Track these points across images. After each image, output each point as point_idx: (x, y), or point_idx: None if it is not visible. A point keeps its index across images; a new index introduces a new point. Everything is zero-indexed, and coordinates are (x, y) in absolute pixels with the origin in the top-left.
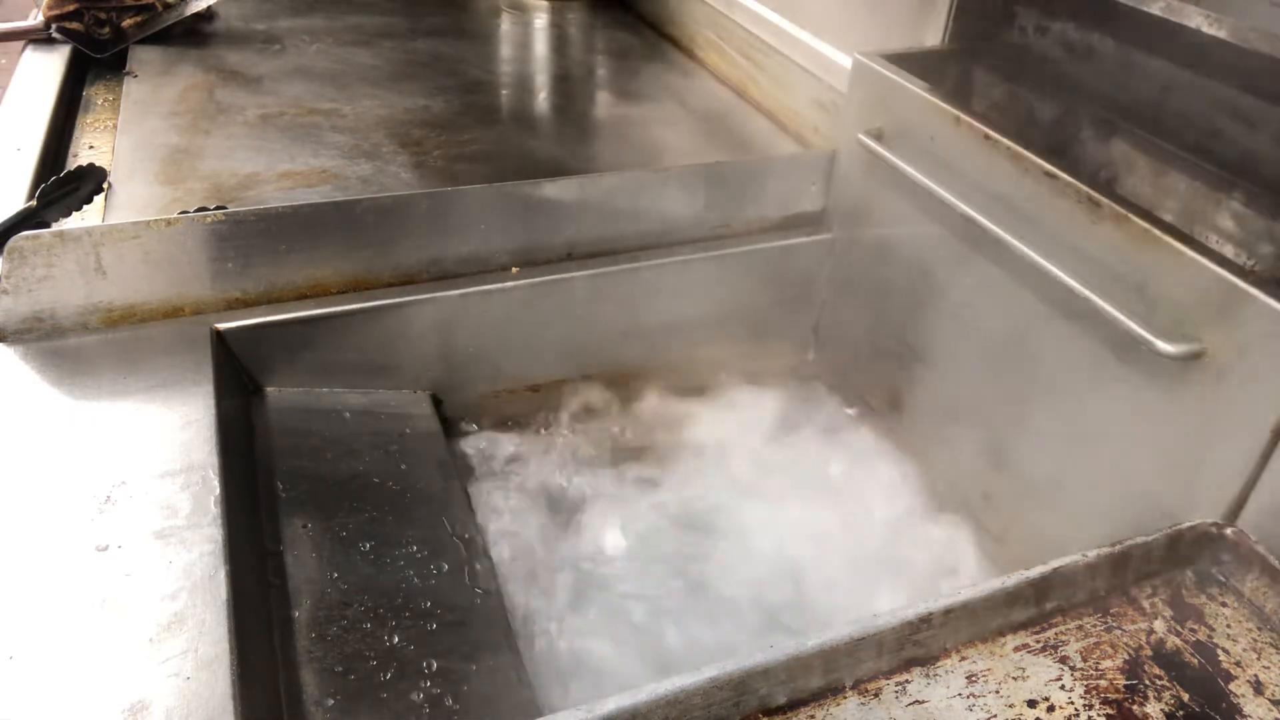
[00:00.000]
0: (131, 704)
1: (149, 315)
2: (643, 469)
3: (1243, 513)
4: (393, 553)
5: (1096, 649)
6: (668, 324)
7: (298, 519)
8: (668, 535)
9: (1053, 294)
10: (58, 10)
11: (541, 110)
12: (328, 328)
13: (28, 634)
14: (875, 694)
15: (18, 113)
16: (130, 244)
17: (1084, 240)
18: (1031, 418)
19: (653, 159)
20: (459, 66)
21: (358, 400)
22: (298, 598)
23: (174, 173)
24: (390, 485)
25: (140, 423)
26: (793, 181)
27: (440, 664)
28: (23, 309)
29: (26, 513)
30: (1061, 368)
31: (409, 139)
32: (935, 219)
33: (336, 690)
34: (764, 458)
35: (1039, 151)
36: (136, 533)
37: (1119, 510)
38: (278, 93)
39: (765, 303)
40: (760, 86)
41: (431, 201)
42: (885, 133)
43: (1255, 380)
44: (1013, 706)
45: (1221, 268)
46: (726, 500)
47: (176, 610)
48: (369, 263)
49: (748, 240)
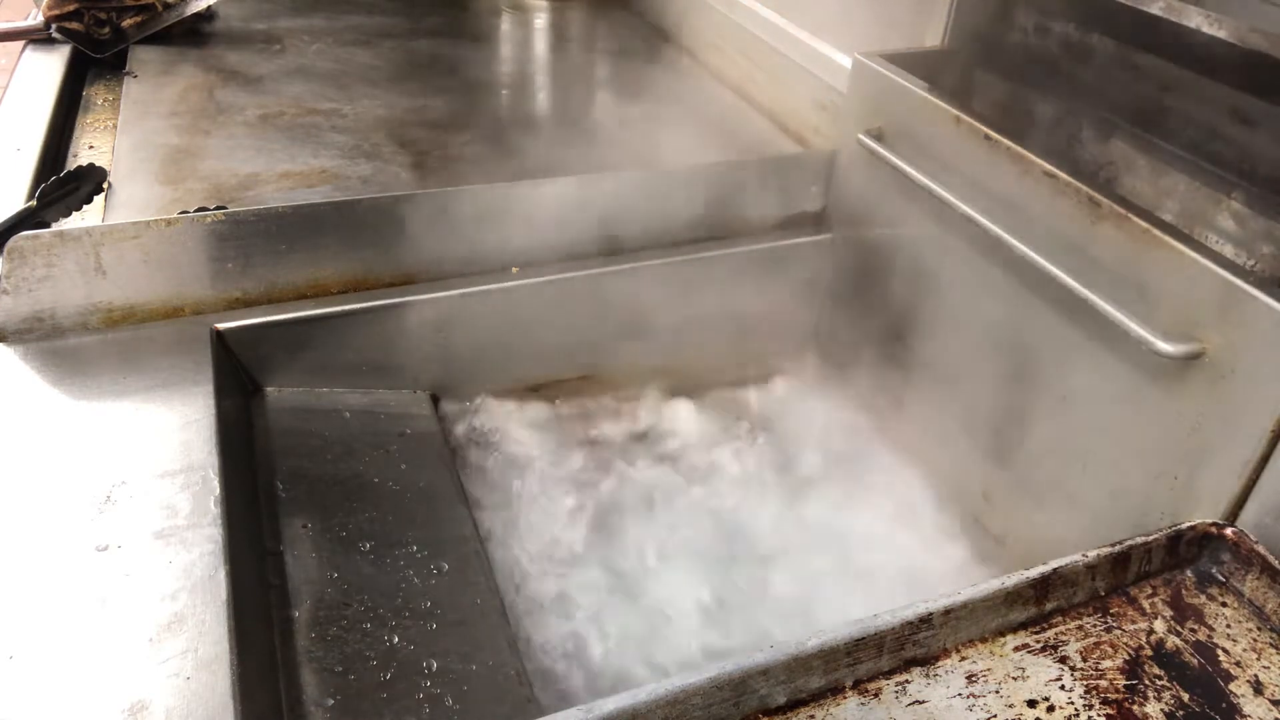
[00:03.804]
0: (131, 704)
1: (149, 315)
2: (643, 469)
3: (1243, 513)
4: (393, 553)
5: (1096, 649)
6: (668, 324)
7: (298, 519)
8: (668, 535)
9: (1053, 294)
10: (58, 10)
11: (541, 110)
12: (328, 328)
13: (28, 634)
14: (875, 694)
15: (18, 113)
16: (130, 244)
17: (1084, 240)
18: (1031, 418)
19: (653, 159)
20: (459, 66)
21: (358, 400)
22: (298, 598)
23: (174, 173)
24: (390, 485)
25: (140, 423)
26: (793, 181)
27: (440, 664)
28: (23, 309)
29: (26, 513)
30: (1061, 368)
31: (409, 139)
32: (935, 219)
33: (336, 690)
34: (764, 458)
35: (1039, 151)
36: (136, 533)
37: (1119, 510)
38: (278, 93)
39: (765, 303)
40: (760, 86)
41: (431, 201)
42: (885, 133)
43: (1255, 380)
44: (1013, 706)
45: (1221, 268)
46: (726, 501)
47: (176, 610)
48: (369, 263)
49: (748, 240)
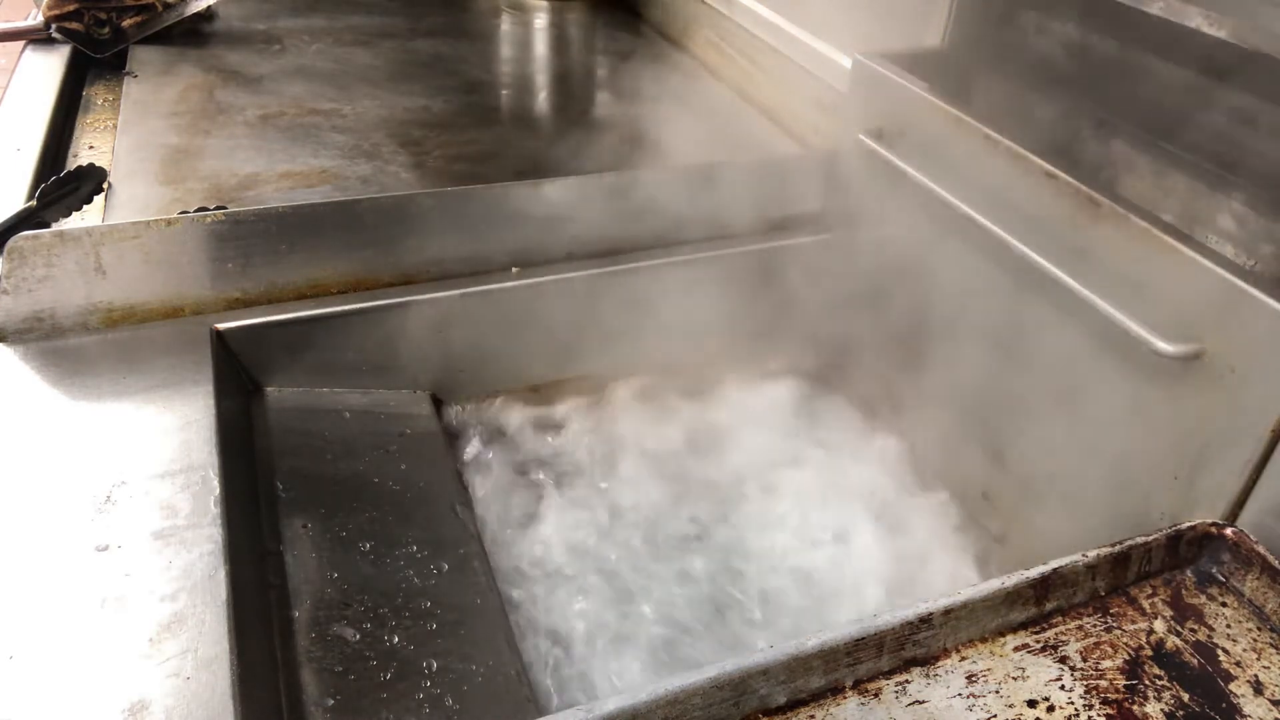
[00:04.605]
0: (131, 704)
1: (149, 315)
2: (643, 469)
3: (1243, 513)
4: (393, 553)
5: (1096, 649)
6: (667, 324)
7: (298, 519)
8: (667, 534)
9: (1053, 294)
10: (58, 10)
11: (541, 110)
12: (328, 328)
13: (28, 634)
14: (875, 694)
15: (18, 113)
16: (130, 244)
17: (1084, 240)
18: (1031, 418)
19: (653, 159)
20: (459, 66)
21: (358, 400)
22: (298, 598)
23: (174, 173)
24: (390, 485)
25: (140, 423)
26: (792, 181)
27: (440, 664)
28: (23, 309)
29: (26, 513)
30: (1061, 367)
31: (409, 139)
32: (935, 219)
33: (336, 690)
34: (764, 458)
35: (1039, 151)
36: (136, 533)
37: (1119, 510)
38: (278, 93)
39: (765, 303)
40: (760, 86)
41: (431, 201)
42: (885, 133)
43: (1255, 380)
44: (1013, 706)
45: (1221, 268)
46: (726, 501)
47: (176, 610)
48: (369, 263)
49: (748, 240)
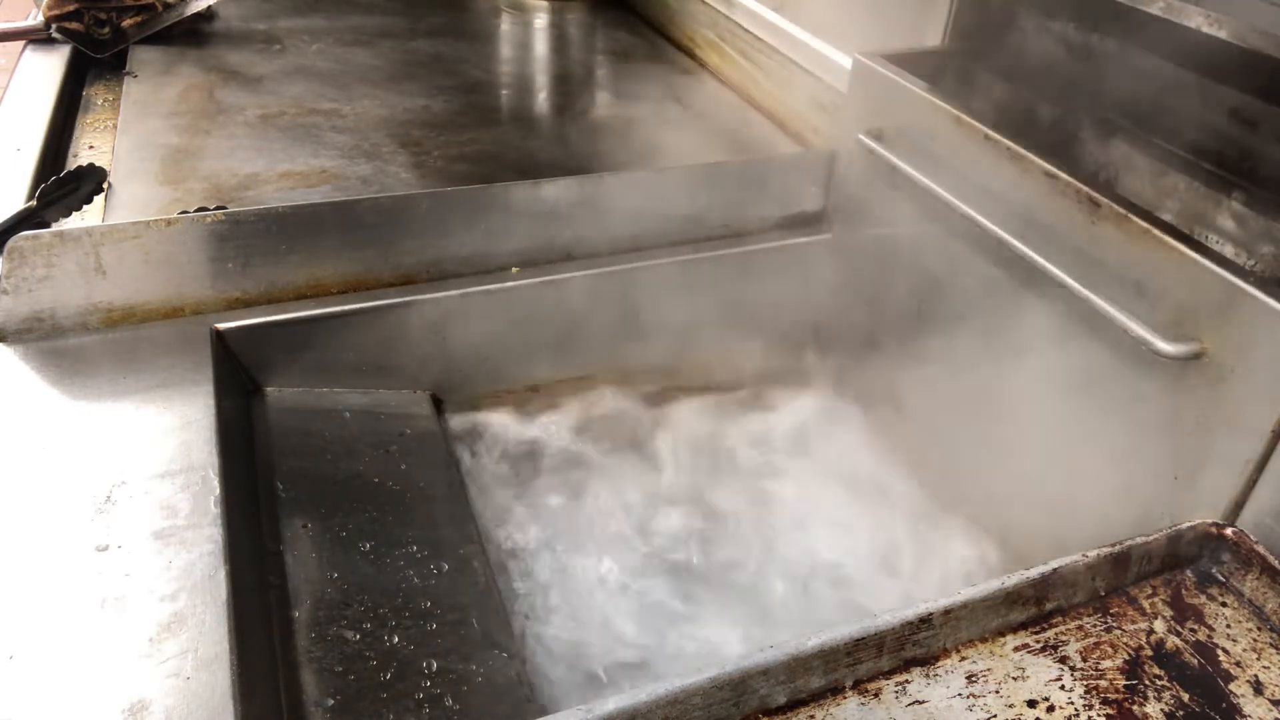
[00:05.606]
0: (131, 704)
1: (149, 315)
2: (643, 469)
3: (1243, 513)
4: (393, 553)
5: (1096, 649)
6: (668, 324)
7: (298, 519)
8: (666, 535)
9: (1053, 294)
10: (58, 10)
11: (541, 110)
12: (328, 328)
13: (28, 634)
14: (875, 694)
15: (18, 113)
16: (130, 244)
17: (1084, 240)
18: (1031, 418)
19: (653, 159)
20: (459, 66)
21: (358, 400)
22: (298, 598)
23: (174, 173)
24: (390, 485)
25: (140, 423)
26: (793, 181)
27: (440, 664)
28: (23, 309)
29: (26, 513)
30: (1061, 367)
31: (409, 139)
32: (935, 219)
33: (336, 690)
34: (764, 458)
35: (1039, 151)
36: (136, 533)
37: (1119, 510)
38: (278, 93)
39: (765, 303)
40: (760, 86)
41: (431, 201)
42: (885, 133)
43: (1255, 380)
44: (1013, 706)
45: (1221, 268)
46: (726, 501)
47: (176, 610)
48: (369, 263)
49: (748, 240)
